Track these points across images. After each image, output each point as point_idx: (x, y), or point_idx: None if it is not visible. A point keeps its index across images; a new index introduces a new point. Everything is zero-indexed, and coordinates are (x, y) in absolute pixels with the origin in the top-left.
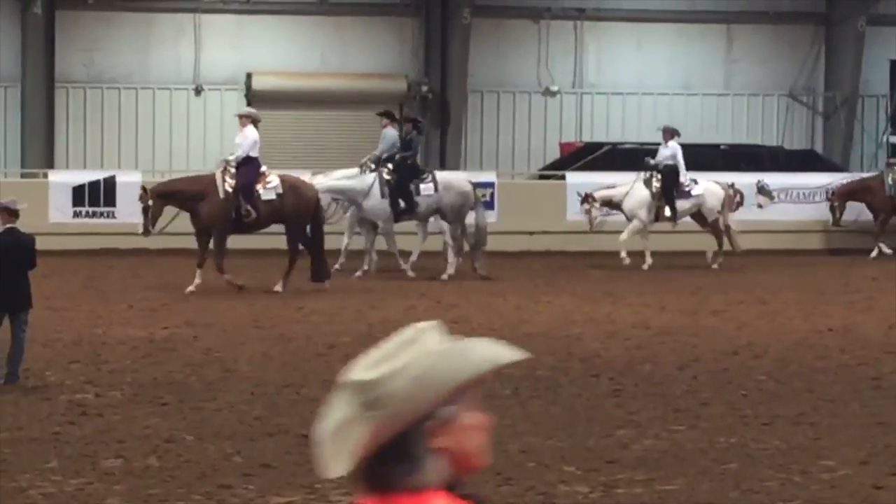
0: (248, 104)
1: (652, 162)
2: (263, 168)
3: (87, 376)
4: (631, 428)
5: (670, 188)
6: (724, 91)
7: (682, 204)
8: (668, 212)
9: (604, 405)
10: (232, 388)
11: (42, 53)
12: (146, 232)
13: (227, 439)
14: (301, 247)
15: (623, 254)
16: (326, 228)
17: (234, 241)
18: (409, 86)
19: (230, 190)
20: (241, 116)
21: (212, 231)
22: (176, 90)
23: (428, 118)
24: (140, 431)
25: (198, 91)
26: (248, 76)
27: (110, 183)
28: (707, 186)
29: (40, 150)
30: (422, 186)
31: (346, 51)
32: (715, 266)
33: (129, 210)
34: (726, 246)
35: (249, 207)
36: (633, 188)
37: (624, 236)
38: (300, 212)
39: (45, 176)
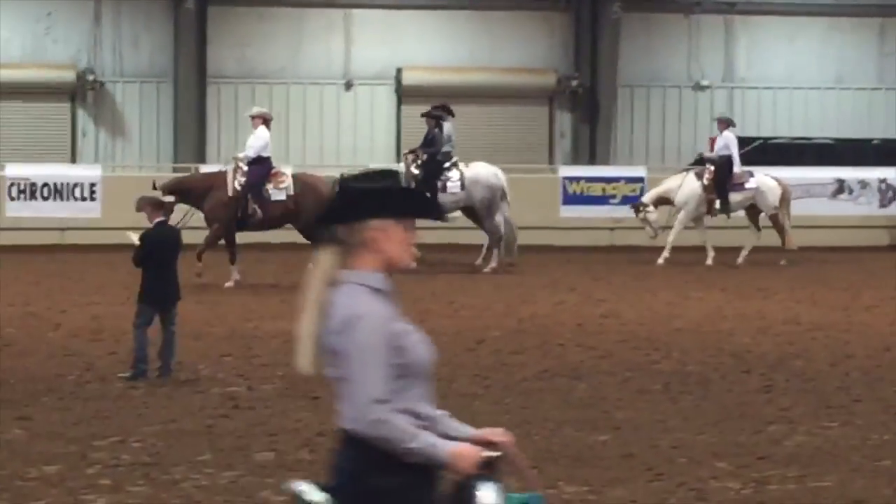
0: (399, 99)
1: (707, 155)
2: (277, 168)
3: (240, 370)
4: (783, 424)
5: (723, 180)
6: (876, 85)
7: (734, 196)
8: (718, 204)
9: (755, 401)
10: None
11: (194, 49)
12: None
13: None
14: None
15: (710, 250)
16: None
17: (272, 236)
18: (559, 80)
19: (239, 188)
20: (253, 117)
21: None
22: (326, 85)
23: (578, 113)
24: (292, 425)
25: (348, 86)
26: (398, 71)
27: None
28: (762, 180)
29: (192, 146)
30: (448, 184)
31: (496, 45)
32: (783, 262)
33: None
34: (758, 242)
35: (256, 207)
36: (685, 181)
37: (670, 237)
38: (316, 210)
39: (198, 171)
